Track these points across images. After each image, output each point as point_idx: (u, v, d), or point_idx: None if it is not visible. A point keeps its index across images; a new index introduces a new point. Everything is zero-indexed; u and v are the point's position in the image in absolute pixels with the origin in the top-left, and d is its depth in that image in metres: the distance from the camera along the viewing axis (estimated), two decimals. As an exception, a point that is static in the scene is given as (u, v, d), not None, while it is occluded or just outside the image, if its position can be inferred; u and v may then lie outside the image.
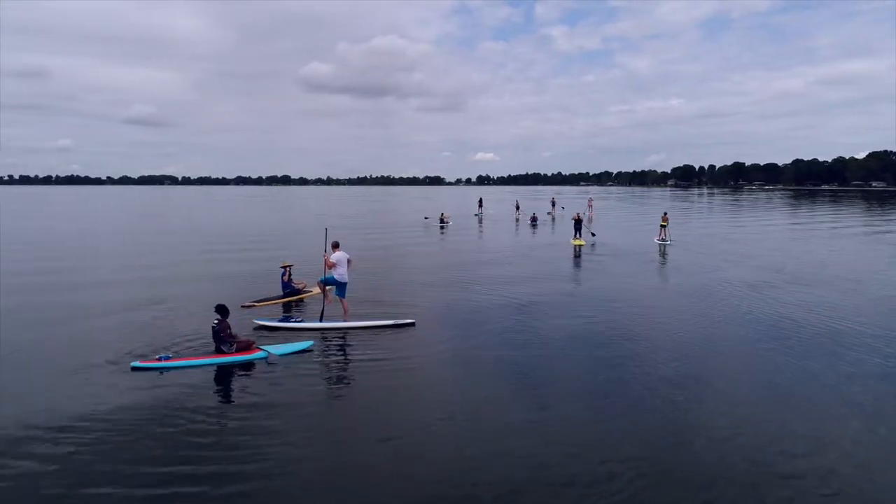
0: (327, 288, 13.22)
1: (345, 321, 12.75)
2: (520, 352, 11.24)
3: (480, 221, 51.38)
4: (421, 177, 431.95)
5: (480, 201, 62.64)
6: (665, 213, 31.59)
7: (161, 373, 9.81)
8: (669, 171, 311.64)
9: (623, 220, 52.35)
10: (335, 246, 13.33)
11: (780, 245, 29.90)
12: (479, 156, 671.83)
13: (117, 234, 39.41)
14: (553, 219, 52.78)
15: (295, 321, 12.85)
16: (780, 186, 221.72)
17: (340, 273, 12.99)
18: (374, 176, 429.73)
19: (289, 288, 15.80)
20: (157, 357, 10.23)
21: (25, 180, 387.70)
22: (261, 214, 65.68)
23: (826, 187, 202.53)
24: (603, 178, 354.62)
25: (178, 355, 10.49)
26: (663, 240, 30.08)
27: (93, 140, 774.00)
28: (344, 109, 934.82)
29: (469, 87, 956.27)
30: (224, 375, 9.93)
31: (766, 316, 14.27)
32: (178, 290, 17.26)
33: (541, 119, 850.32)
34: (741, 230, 40.44)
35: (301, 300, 15.73)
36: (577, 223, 30.14)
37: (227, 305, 10.89)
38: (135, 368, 9.93)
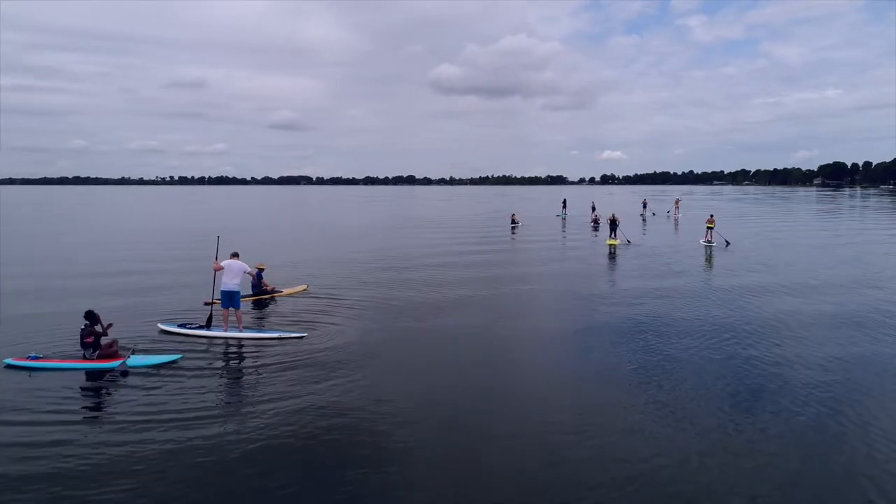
0: (225, 310, 12.97)
1: (239, 331, 12.71)
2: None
3: (564, 222, 50.73)
4: (543, 176, 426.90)
5: (564, 202, 61.45)
6: (711, 216, 31.18)
7: (30, 374, 10.19)
8: (816, 169, 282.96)
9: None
10: (234, 255, 13.39)
11: (860, 256, 26.95)
12: (606, 154, 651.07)
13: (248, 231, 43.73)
14: (643, 220, 51.09)
15: (192, 328, 13.00)
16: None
17: (225, 282, 12.85)
18: (495, 175, 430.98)
19: (257, 288, 16.88)
20: (27, 356, 10.65)
21: (183, 181, 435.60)
22: (347, 214, 69.32)
23: None
24: (739, 177, 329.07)
25: (48, 356, 10.88)
26: (709, 242, 29.57)
27: (242, 144, 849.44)
28: (471, 110, 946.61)
29: (598, 84, 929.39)
30: (80, 381, 10.02)
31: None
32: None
33: (674, 114, 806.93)
34: (846, 236, 36.78)
35: (272, 299, 16.89)
36: (612, 224, 30.51)
37: (95, 311, 11.00)
38: (8, 366, 10.41)
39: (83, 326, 10.86)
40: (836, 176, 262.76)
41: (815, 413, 8.54)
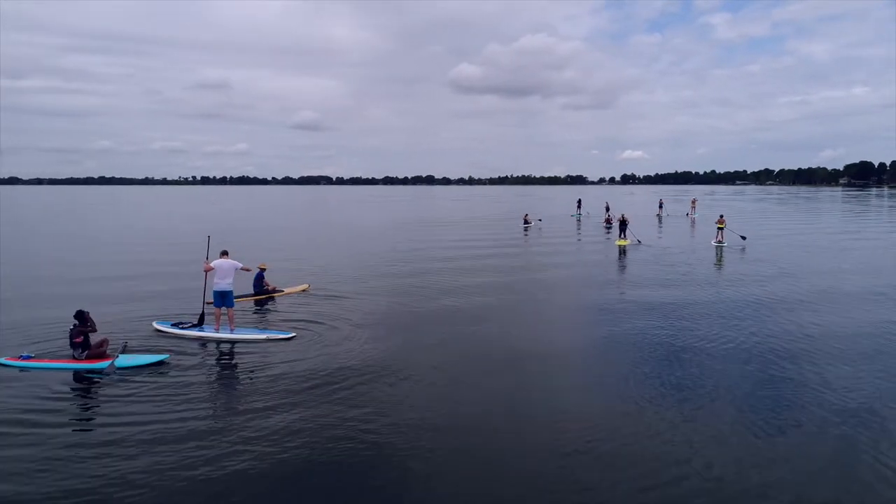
0: (217, 309, 12.91)
1: (231, 331, 12.72)
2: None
3: (578, 223, 50.44)
4: (563, 176, 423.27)
5: (579, 202, 61.31)
6: (721, 216, 30.98)
7: (21, 370, 10.38)
8: (842, 169, 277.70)
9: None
10: (223, 254, 13.33)
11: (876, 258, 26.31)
12: (627, 154, 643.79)
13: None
14: (660, 220, 50.70)
15: (184, 327, 13.07)
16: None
17: (217, 282, 12.80)
18: (514, 175, 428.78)
19: (258, 287, 17.04)
20: (19, 356, 10.80)
21: (206, 181, 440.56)
22: (359, 214, 69.50)
23: None
24: (762, 177, 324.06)
25: (40, 355, 11.01)
26: (720, 242, 29.38)
27: (264, 144, 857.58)
28: (491, 110, 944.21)
29: (619, 84, 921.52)
30: (62, 383, 9.94)
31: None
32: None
33: (697, 114, 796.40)
34: (871, 238, 35.83)
35: (271, 299, 16.93)
36: (622, 224, 30.61)
37: (85, 311, 11.02)
38: (1, 365, 10.60)
39: (72, 326, 10.91)
40: (862, 175, 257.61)
41: (826, 428, 8.18)
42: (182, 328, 13.05)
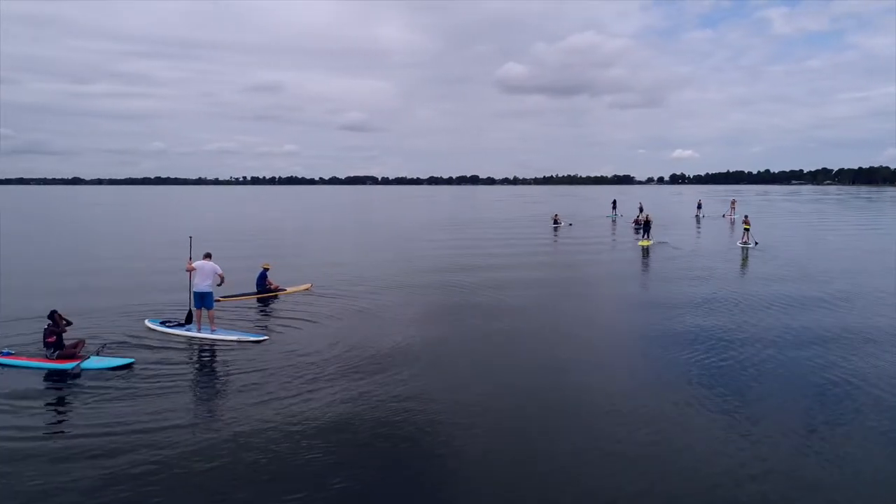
0: (197, 310, 13.08)
1: (211, 331, 12.93)
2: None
3: (613, 224, 49.69)
4: (609, 176, 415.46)
5: (614, 203, 60.30)
6: (746, 217, 30.61)
7: (2, 367, 10.51)
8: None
9: (765, 227, 45.98)
10: (206, 256, 13.44)
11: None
12: (677, 153, 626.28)
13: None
14: (697, 221, 49.54)
15: (170, 326, 13.36)
16: None
17: (196, 283, 12.97)
18: (560, 175, 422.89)
19: (261, 286, 17.31)
20: (1, 352, 10.98)
21: (255, 181, 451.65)
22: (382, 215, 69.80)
23: None
24: (819, 177, 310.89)
25: (20, 353, 11.13)
26: (745, 243, 28.88)
27: (312, 145, 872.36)
28: (537, 109, 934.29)
29: (670, 81, 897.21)
30: (28, 382, 9.96)
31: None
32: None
33: (752, 111, 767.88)
34: None
35: (273, 297, 17.17)
36: (646, 225, 30.56)
37: (56, 311, 11.08)
38: None
39: (46, 326, 11.00)
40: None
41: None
42: (169, 326, 13.41)
